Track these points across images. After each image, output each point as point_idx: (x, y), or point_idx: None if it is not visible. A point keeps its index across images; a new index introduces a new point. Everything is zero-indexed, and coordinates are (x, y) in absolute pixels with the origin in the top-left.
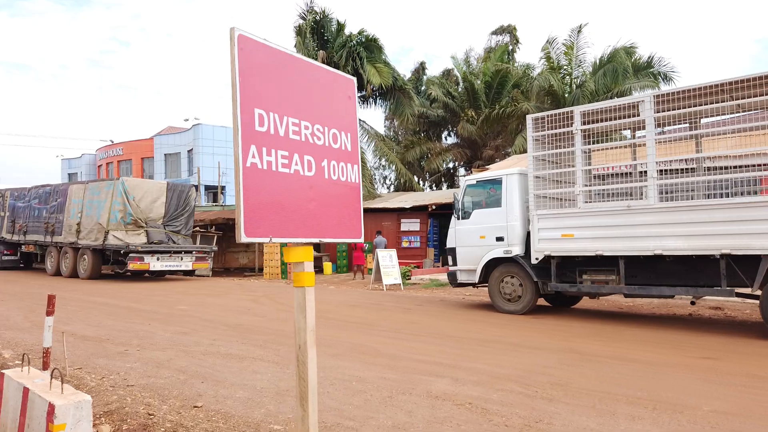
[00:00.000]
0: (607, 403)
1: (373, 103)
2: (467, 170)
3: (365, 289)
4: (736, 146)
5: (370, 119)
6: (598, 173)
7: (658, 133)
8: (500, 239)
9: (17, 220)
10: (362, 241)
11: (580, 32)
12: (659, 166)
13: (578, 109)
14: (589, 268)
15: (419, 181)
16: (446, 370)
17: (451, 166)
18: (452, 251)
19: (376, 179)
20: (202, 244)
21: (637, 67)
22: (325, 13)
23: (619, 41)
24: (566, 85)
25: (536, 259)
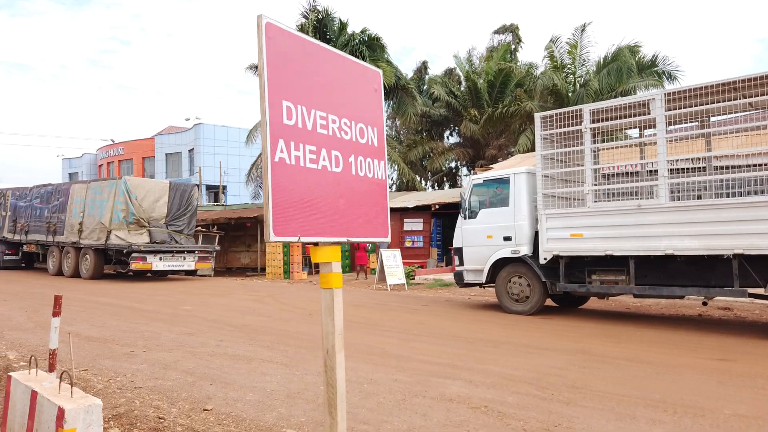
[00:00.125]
0: (625, 406)
1: None
2: (470, 170)
3: (369, 288)
4: (747, 144)
5: None
6: (603, 172)
7: (668, 131)
8: (508, 239)
9: (19, 219)
10: (388, 240)
11: (584, 31)
12: (670, 165)
13: (588, 107)
14: (598, 268)
15: (422, 180)
16: (458, 371)
17: (453, 165)
18: (459, 251)
19: None
20: (204, 243)
21: (641, 65)
22: (327, 11)
23: (623, 40)
24: (570, 84)
25: (545, 259)
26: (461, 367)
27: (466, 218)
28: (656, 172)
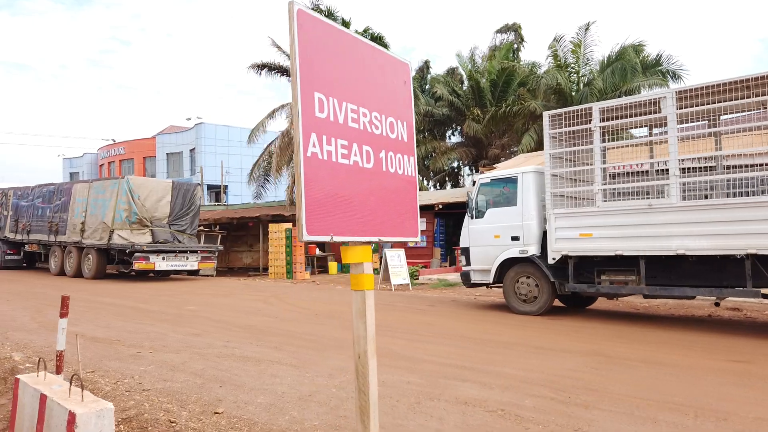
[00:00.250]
0: (644, 409)
1: None
2: (472, 170)
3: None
4: (760, 143)
5: None
6: (610, 171)
7: (679, 129)
8: (515, 239)
9: (20, 219)
10: (418, 240)
11: (587, 30)
12: (681, 164)
13: (597, 105)
14: (607, 268)
15: (424, 180)
16: (471, 373)
17: (456, 165)
18: (466, 251)
19: None
20: (206, 243)
21: (645, 64)
22: (330, 11)
23: (627, 39)
24: (573, 83)
25: (553, 259)
26: (473, 368)
27: (473, 218)
28: (666, 171)
